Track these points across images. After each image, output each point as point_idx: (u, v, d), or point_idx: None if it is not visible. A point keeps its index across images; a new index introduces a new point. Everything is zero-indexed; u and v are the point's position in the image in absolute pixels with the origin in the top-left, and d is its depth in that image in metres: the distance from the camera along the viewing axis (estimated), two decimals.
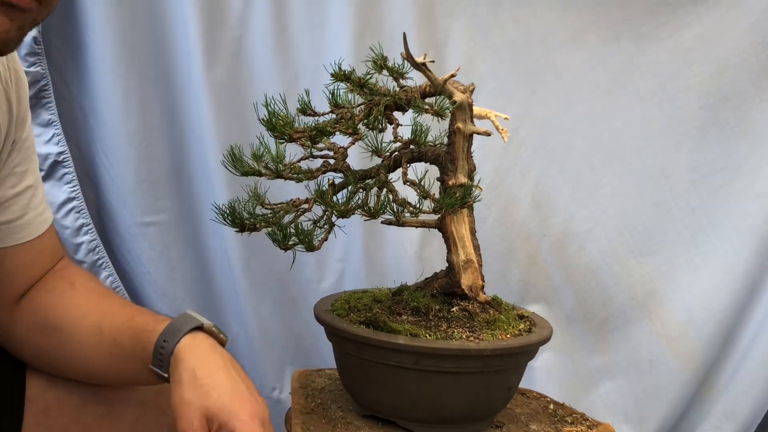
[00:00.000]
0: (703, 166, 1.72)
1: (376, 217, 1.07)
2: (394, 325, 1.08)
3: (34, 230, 1.02)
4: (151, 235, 1.72)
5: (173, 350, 0.91)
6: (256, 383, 1.77)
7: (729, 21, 1.66)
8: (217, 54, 1.67)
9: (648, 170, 1.74)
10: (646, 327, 1.76)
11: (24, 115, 1.00)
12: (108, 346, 0.98)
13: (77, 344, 0.99)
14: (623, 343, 1.78)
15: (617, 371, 1.79)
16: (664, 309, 1.76)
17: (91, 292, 1.05)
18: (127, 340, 0.97)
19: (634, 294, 1.76)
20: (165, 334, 0.93)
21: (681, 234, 1.74)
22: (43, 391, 1.02)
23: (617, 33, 1.70)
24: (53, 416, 1.02)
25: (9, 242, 1.00)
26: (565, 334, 1.80)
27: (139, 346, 0.95)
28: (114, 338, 0.97)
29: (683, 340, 1.73)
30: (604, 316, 1.78)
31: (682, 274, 1.75)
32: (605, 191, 1.75)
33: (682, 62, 1.69)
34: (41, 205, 1.04)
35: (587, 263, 1.77)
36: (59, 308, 1.01)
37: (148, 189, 1.70)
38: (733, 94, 1.68)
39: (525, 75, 1.72)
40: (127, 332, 0.97)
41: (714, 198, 1.72)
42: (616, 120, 1.73)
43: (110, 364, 0.99)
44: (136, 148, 1.68)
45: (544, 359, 1.79)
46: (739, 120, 1.69)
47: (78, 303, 1.02)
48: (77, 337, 0.99)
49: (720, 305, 1.71)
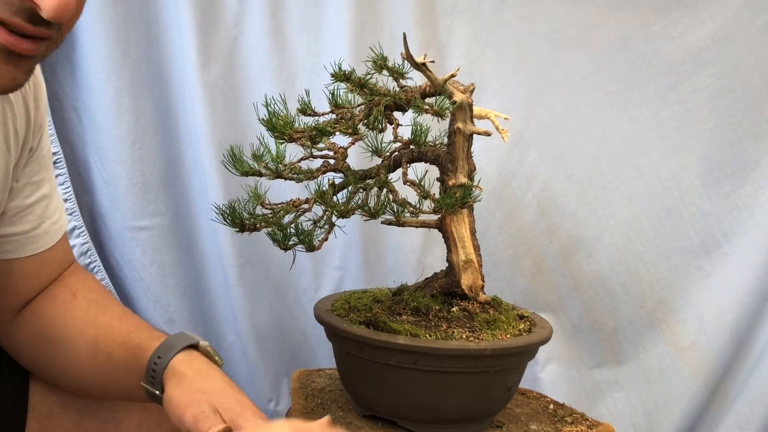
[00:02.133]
0: (714, 170, 1.77)
1: (376, 217, 1.15)
2: (394, 325, 1.17)
3: (48, 240, 1.06)
4: (144, 240, 1.78)
5: (167, 366, 0.94)
6: (251, 395, 1.87)
7: (742, 20, 1.71)
8: (211, 54, 1.73)
9: (658, 174, 1.79)
10: (655, 336, 1.82)
11: (42, 121, 1.03)
12: (103, 363, 1.02)
13: (74, 359, 1.03)
14: (632, 353, 1.84)
15: (626, 382, 1.84)
16: (675, 318, 1.81)
17: (91, 303, 1.07)
18: (121, 356, 1.00)
19: (644, 302, 1.82)
20: (159, 351, 0.96)
21: (692, 240, 1.79)
22: (46, 396, 1.08)
23: (626, 32, 1.75)
24: (56, 420, 1.08)
25: (23, 253, 1.04)
26: (572, 344, 1.86)
27: (133, 362, 0.98)
28: (109, 354, 1.01)
29: (694, 350, 1.79)
30: (613, 326, 1.84)
31: (693, 281, 1.80)
32: (614, 196, 1.80)
33: (693, 62, 1.74)
34: (56, 213, 1.08)
35: (595, 271, 1.82)
36: (59, 320, 1.05)
37: (140, 192, 1.76)
38: (745, 96, 1.73)
39: (530, 75, 1.77)
40: (122, 348, 1.00)
41: (725, 203, 1.77)
42: (625, 122, 1.78)
43: (106, 381, 1.03)
44: (129, 149, 1.74)
45: (550, 370, 1.85)
46: (751, 122, 1.74)
47: (77, 315, 1.05)
48: (73, 352, 1.03)
49: (732, 313, 1.76)
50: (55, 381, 1.09)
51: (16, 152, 0.99)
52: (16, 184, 1.02)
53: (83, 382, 1.06)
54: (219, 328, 1.88)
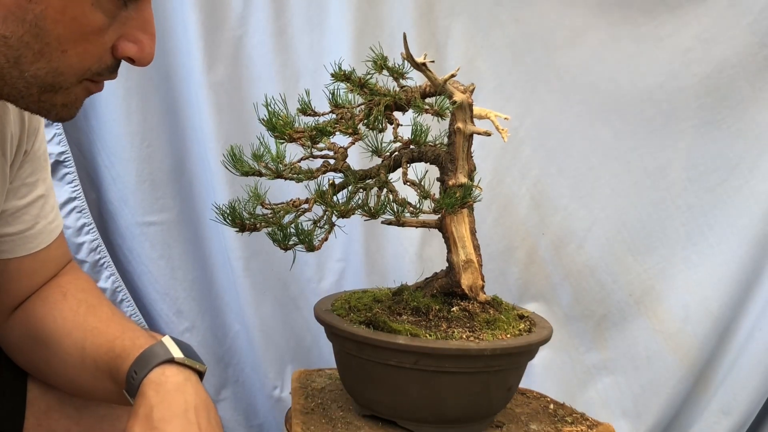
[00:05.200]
0: (700, 165, 1.71)
1: (376, 217, 1.06)
2: (394, 325, 1.07)
3: (44, 240, 1.00)
4: (152, 234, 1.71)
5: (140, 382, 0.87)
6: (256, 382, 1.78)
7: (727, 21, 1.65)
8: (217, 54, 1.66)
9: (646, 169, 1.72)
10: (643, 324, 1.75)
11: (36, 125, 0.98)
12: (90, 367, 0.95)
13: (62, 361, 0.97)
14: (621, 340, 1.77)
15: (615, 368, 1.77)
16: (661, 306, 1.75)
17: (81, 304, 1.01)
18: (105, 363, 0.93)
19: (632, 291, 1.75)
20: (135, 365, 0.89)
21: (678, 232, 1.73)
22: (44, 393, 1.01)
23: (617, 33, 1.69)
24: (54, 417, 1.01)
25: (19, 253, 0.98)
26: (563, 331, 1.78)
27: (116, 371, 0.92)
28: (95, 360, 0.94)
29: (680, 337, 1.72)
30: (602, 314, 1.77)
31: (679, 271, 1.74)
32: (604, 190, 1.74)
33: (680, 62, 1.68)
34: (52, 213, 1.02)
35: (585, 261, 1.76)
36: (49, 320, 0.98)
37: (149, 189, 1.69)
38: (730, 94, 1.67)
39: (525, 75, 1.71)
40: (107, 356, 0.93)
41: (711, 196, 1.71)
42: (615, 119, 1.71)
43: (94, 384, 0.96)
44: (137, 148, 1.67)
45: (542, 356, 1.76)
46: (736, 119, 1.68)
47: (66, 316, 0.99)
48: (62, 354, 0.97)
49: (716, 302, 1.70)
50: (49, 381, 1.02)
51: (11, 155, 0.93)
52: (11, 186, 0.96)
53: (74, 383, 0.99)
54: (225, 318, 1.80)
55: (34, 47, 0.71)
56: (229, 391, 1.82)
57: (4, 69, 0.72)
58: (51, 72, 0.73)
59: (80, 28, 0.72)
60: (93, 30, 0.73)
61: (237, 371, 1.82)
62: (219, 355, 1.80)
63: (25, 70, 0.72)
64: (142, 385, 0.86)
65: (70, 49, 0.73)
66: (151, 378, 0.86)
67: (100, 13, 0.73)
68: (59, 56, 0.72)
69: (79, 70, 0.75)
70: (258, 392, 1.80)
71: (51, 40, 0.71)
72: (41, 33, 0.70)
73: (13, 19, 0.69)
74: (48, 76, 0.73)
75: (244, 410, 1.83)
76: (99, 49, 0.75)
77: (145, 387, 0.86)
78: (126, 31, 0.76)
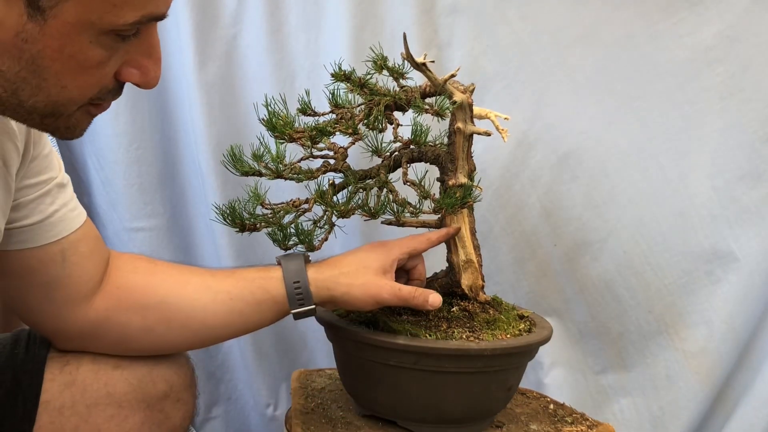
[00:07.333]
0: (725, 173, 1.78)
1: (376, 217, 1.23)
2: (394, 325, 1.24)
3: (76, 220, 1.15)
4: (141, 241, 1.85)
5: (308, 282, 1.19)
6: (249, 399, 1.94)
7: (751, 17, 1.73)
8: (209, 53, 1.80)
9: (666, 177, 1.81)
10: (663, 342, 1.85)
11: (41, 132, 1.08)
12: (223, 301, 1.19)
13: (188, 310, 1.19)
14: (639, 358, 1.87)
15: (633, 388, 1.88)
16: (683, 323, 1.84)
17: (172, 266, 1.26)
18: (242, 290, 1.20)
19: (651, 308, 1.85)
20: (288, 277, 1.20)
21: (701, 245, 1.81)
22: (60, 392, 1.16)
23: (632, 30, 1.77)
24: (66, 415, 1.16)
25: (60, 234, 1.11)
26: (577, 349, 1.91)
27: (261, 293, 1.20)
28: (228, 292, 1.19)
29: (703, 356, 1.82)
30: (619, 330, 1.88)
31: (703, 286, 1.82)
32: (620, 199, 1.83)
33: (702, 61, 1.76)
34: (72, 201, 1.16)
35: (601, 275, 1.85)
36: (156, 283, 1.20)
37: (137, 193, 1.84)
38: (756, 95, 1.75)
39: (534, 75, 1.81)
40: (240, 284, 1.20)
41: (736, 206, 1.78)
42: (632, 123, 1.80)
43: (230, 318, 1.20)
44: (126, 150, 1.81)
45: (555, 375, 1.91)
46: (762, 123, 1.75)
47: (171, 273, 1.23)
48: (186, 303, 1.19)
49: (740, 319, 1.79)
50: (167, 339, 1.21)
51: (16, 165, 1.06)
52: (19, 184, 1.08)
53: (206, 329, 1.22)
54: None
55: (31, 82, 0.82)
56: (221, 409, 1.97)
57: (3, 98, 0.83)
58: (50, 104, 0.84)
59: (79, 64, 0.83)
60: (92, 65, 0.84)
61: (230, 388, 1.96)
62: (210, 370, 1.95)
63: (24, 101, 0.83)
64: (313, 282, 1.21)
65: (70, 83, 0.84)
66: (311, 272, 1.21)
67: (100, 49, 0.83)
68: (58, 90, 0.84)
69: (80, 100, 0.86)
70: (251, 410, 1.95)
71: (49, 76, 0.82)
72: (38, 69, 0.81)
73: (9, 56, 0.80)
74: (47, 107, 0.85)
75: (237, 429, 1.97)
76: (100, 80, 0.86)
77: (317, 277, 1.21)
78: (129, 58, 0.88)
